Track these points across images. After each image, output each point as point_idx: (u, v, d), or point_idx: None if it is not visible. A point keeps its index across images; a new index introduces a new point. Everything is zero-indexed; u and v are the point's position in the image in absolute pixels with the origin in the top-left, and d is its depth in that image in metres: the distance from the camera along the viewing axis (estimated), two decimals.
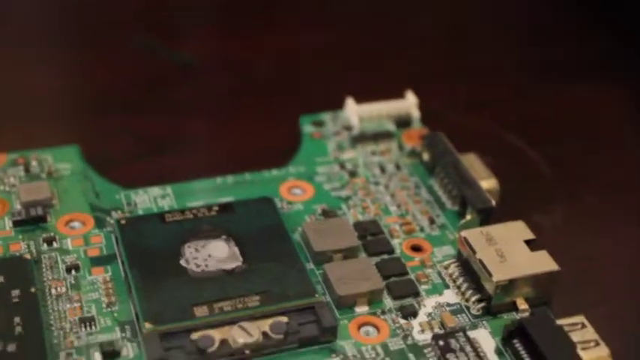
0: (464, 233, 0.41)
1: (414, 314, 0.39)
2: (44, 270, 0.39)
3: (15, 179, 0.44)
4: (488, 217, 0.42)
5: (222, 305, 0.37)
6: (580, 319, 0.38)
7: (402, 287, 0.40)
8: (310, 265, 0.40)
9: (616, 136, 0.53)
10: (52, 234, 0.41)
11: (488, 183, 0.44)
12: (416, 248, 0.42)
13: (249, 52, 0.58)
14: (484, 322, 0.38)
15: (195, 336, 0.36)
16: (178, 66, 0.56)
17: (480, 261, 0.39)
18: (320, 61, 0.57)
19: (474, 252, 0.40)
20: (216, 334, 0.36)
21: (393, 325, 0.38)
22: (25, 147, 0.46)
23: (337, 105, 0.50)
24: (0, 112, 0.51)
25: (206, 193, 0.44)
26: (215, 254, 0.39)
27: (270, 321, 0.37)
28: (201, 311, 0.37)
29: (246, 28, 0.60)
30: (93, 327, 0.37)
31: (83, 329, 0.37)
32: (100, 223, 0.42)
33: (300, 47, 0.58)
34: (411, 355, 0.37)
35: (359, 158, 0.47)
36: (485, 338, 0.38)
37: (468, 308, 0.39)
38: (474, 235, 0.41)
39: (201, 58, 0.57)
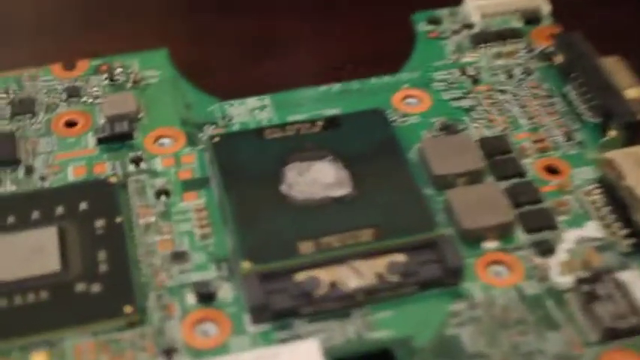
0: (610, 154, 0.35)
1: (552, 251, 0.33)
2: (131, 196, 0.35)
3: (98, 89, 0.39)
4: (635, 132, 0.37)
5: (331, 240, 0.32)
6: None
7: (536, 218, 0.34)
8: (429, 191, 0.35)
9: None
10: (139, 153, 0.37)
11: (634, 92, 0.38)
12: (551, 170, 0.36)
13: None
14: (637, 261, 0.33)
15: (299, 277, 0.32)
16: None
17: (630, 188, 0.34)
18: None
19: (622, 177, 0.34)
20: (324, 276, 0.32)
21: (527, 265, 0.33)
22: (108, 51, 0.41)
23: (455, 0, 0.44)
24: (82, 12, 0.46)
25: (309, 103, 0.39)
26: (321, 179, 0.35)
27: (385, 260, 0.32)
28: (306, 247, 0.32)
29: None
30: (186, 263, 0.33)
31: (175, 266, 0.33)
32: (192, 140, 0.37)
33: None
34: (549, 303, 0.32)
35: (482, 61, 0.41)
36: (637, 281, 0.32)
37: (615, 244, 0.33)
38: (622, 156, 0.35)
39: None
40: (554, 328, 0.31)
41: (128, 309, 0.31)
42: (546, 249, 0.33)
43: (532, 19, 0.43)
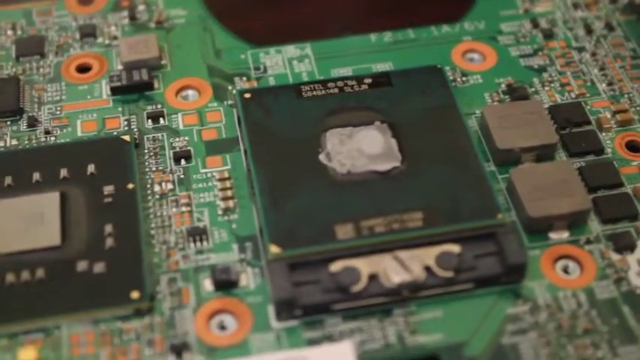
0: None
1: (632, 247, 0.29)
2: (146, 157, 0.31)
3: (117, 29, 0.35)
4: None
5: (373, 224, 0.28)
6: None
7: (614, 206, 0.30)
8: (490, 166, 0.31)
9: None
10: (159, 107, 0.32)
11: None
12: (634, 147, 0.31)
13: None
14: None
15: (335, 267, 0.27)
16: None
17: None
18: None
19: None
20: (364, 267, 0.27)
21: (601, 262, 0.28)
22: None
23: None
24: None
25: (356, 55, 0.34)
26: (366, 149, 0.30)
27: (436, 251, 0.27)
28: (344, 231, 0.28)
29: None
30: (204, 242, 0.28)
31: (192, 245, 0.28)
32: (219, 94, 0.33)
33: None
34: (625, 309, 0.27)
35: (557, 12, 0.36)
36: None
37: None
38: None
39: None
40: (631, 341, 0.27)
41: (135, 294, 0.27)
42: (625, 244, 0.29)
43: None
